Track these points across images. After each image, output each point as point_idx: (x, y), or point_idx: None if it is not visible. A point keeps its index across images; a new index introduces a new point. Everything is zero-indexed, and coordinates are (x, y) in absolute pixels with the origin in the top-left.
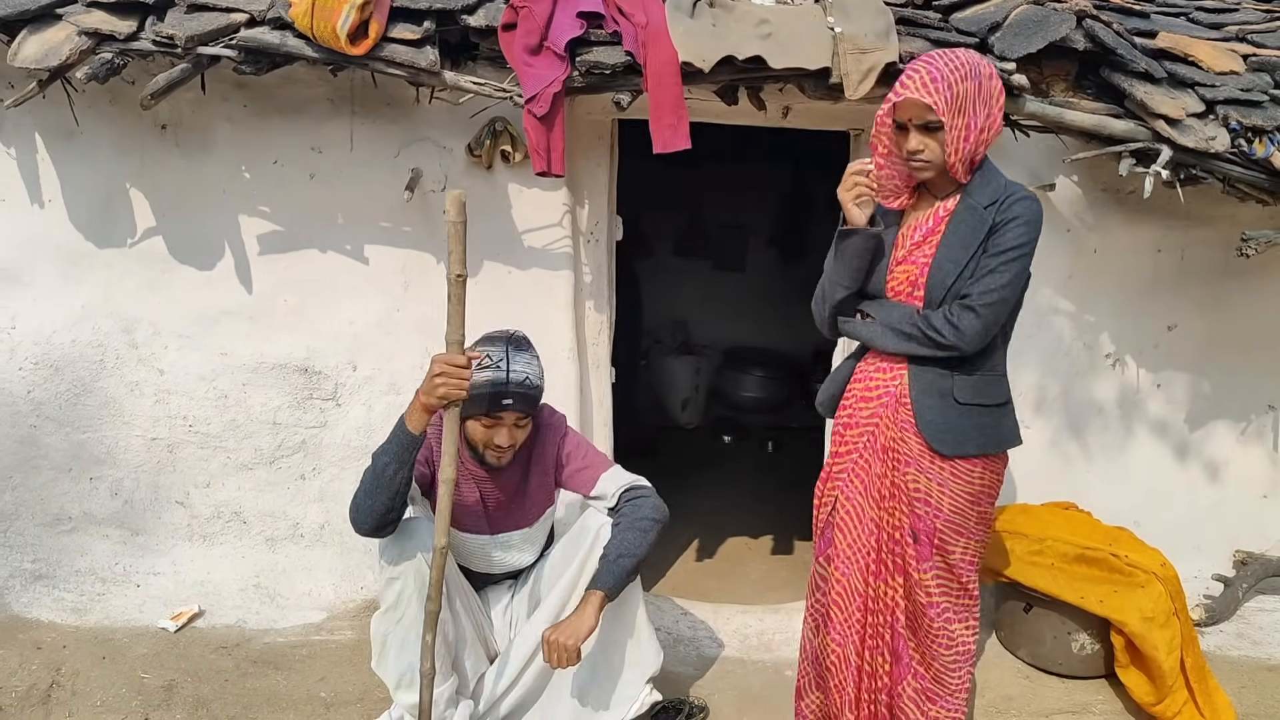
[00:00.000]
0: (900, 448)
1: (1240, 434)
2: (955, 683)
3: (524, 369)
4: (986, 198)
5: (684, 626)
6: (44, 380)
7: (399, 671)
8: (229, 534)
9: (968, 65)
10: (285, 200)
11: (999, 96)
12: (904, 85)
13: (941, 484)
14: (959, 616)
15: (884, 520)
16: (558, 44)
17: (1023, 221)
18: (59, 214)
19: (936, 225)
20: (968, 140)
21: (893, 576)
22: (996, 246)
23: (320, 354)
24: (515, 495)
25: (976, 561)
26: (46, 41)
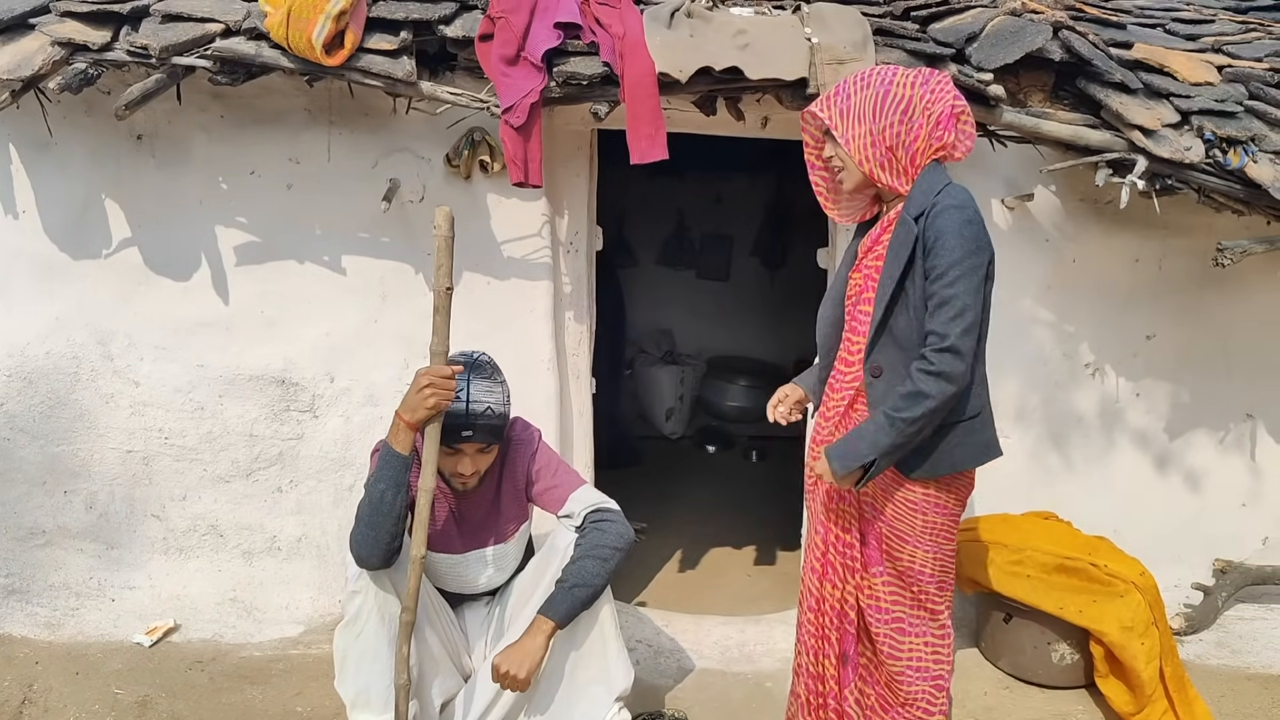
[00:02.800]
0: None
1: (1219, 443)
2: (907, 694)
3: (484, 397)
4: (915, 208)
5: (665, 638)
6: (17, 392)
7: (355, 690)
8: (205, 547)
9: (874, 77)
10: (262, 211)
11: (925, 107)
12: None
13: (885, 489)
14: (914, 630)
15: (832, 523)
16: (535, 55)
17: (950, 236)
18: (33, 225)
19: (881, 235)
20: (874, 146)
21: (840, 579)
22: (934, 270)
23: (298, 365)
24: (487, 513)
25: (938, 580)
26: (19, 51)
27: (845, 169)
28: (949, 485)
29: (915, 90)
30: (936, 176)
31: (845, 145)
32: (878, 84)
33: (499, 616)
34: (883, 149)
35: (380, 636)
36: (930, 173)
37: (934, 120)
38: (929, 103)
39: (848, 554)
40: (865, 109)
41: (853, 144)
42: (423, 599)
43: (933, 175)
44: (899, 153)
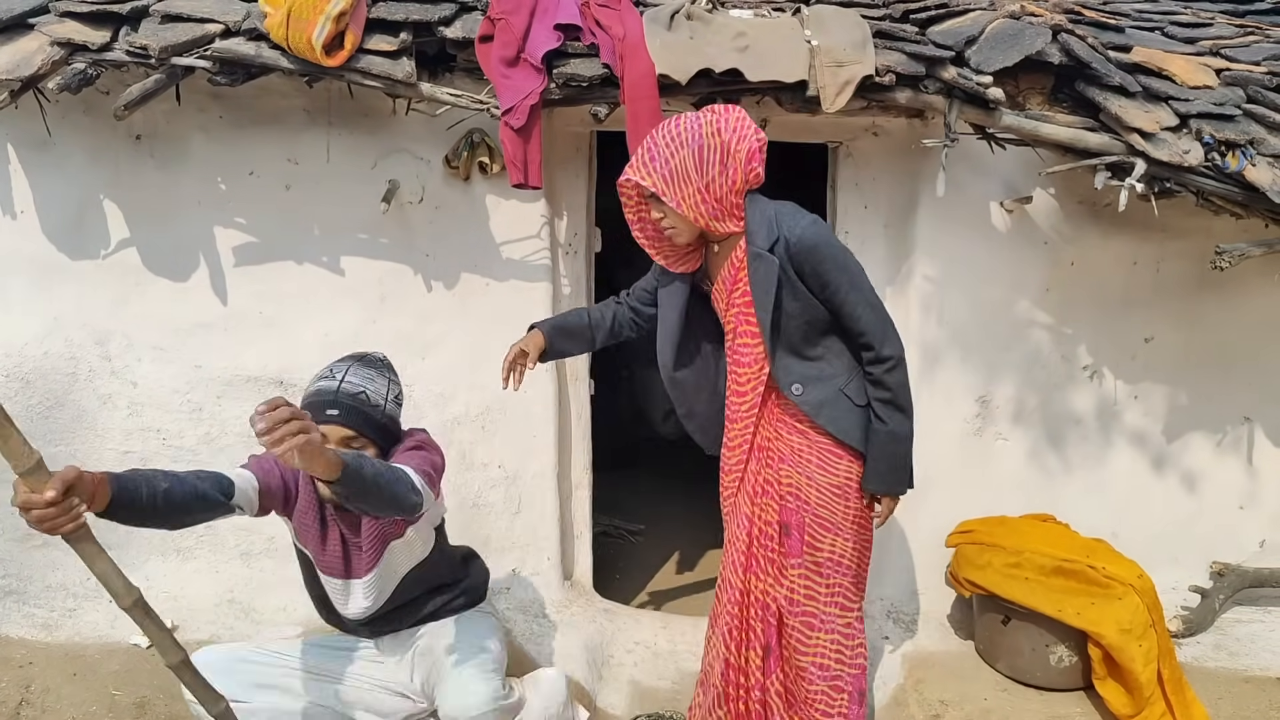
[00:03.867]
0: (774, 445)
1: (1217, 445)
2: (807, 692)
3: (361, 383)
4: (764, 239)
5: (663, 640)
6: (15, 393)
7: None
8: (203, 548)
9: (685, 134)
10: (261, 211)
11: (734, 150)
12: (629, 166)
13: (809, 477)
14: (823, 626)
15: (755, 515)
16: (535, 56)
17: (822, 250)
18: (31, 225)
19: (737, 275)
20: (704, 202)
21: (764, 572)
22: (824, 286)
23: (296, 366)
24: (365, 532)
25: (854, 574)
26: (18, 51)
27: (676, 228)
28: (861, 464)
29: (725, 136)
30: (762, 205)
31: (677, 207)
32: (690, 139)
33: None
34: (712, 201)
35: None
36: (755, 204)
37: (746, 158)
38: (738, 144)
39: (770, 546)
40: (688, 168)
41: (685, 204)
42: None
43: (758, 205)
44: (725, 199)
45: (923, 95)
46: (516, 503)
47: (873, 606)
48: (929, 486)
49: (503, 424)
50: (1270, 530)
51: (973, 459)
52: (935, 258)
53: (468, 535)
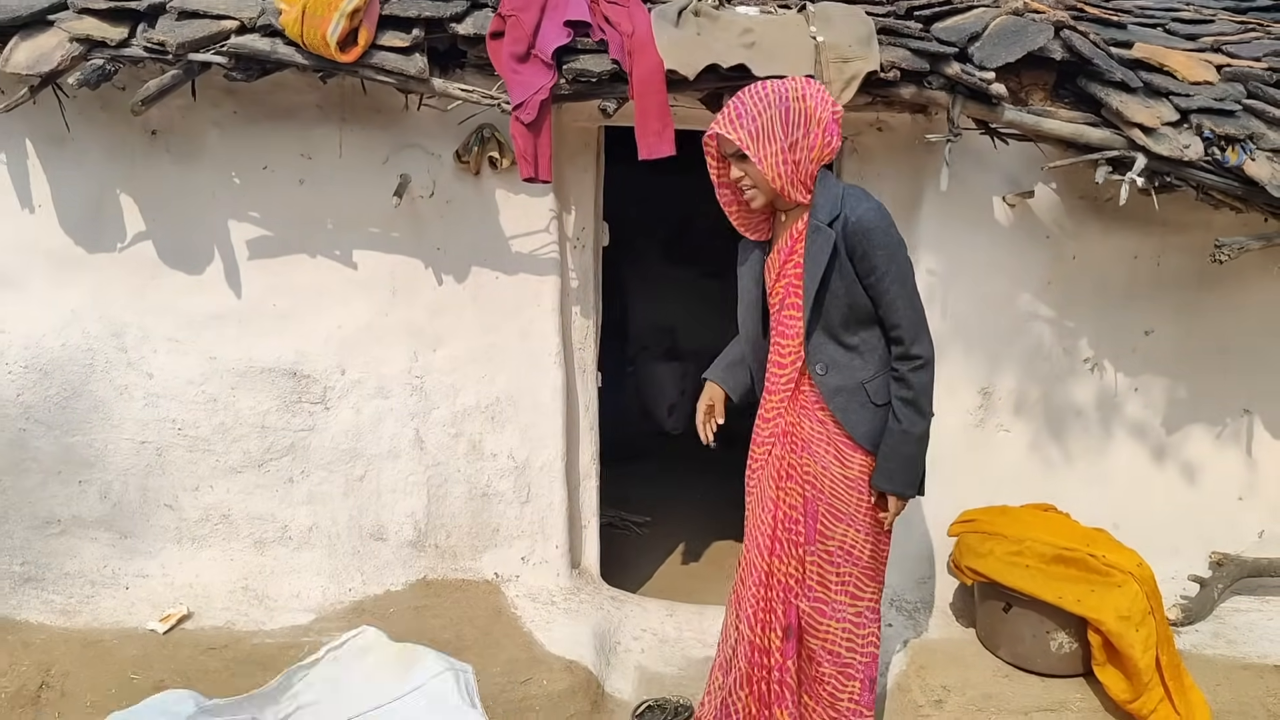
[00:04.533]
0: (798, 432)
1: (1216, 437)
2: (817, 672)
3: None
4: (826, 214)
5: (669, 628)
6: (33, 384)
7: None
8: (217, 536)
9: (772, 94)
10: (275, 206)
11: (818, 116)
12: (714, 121)
13: (825, 467)
14: (833, 614)
15: (780, 499)
16: (545, 52)
17: (877, 236)
18: (49, 219)
19: (794, 245)
20: (785, 164)
21: (788, 555)
22: (870, 271)
23: (309, 358)
24: None
25: (865, 565)
26: (38, 48)
27: (756, 188)
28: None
29: (809, 101)
30: (831, 182)
31: (759, 164)
32: (777, 101)
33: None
34: (792, 164)
35: None
36: (825, 180)
37: (824, 127)
38: (820, 110)
39: (794, 529)
40: (774, 127)
41: (766, 162)
42: None
43: (829, 182)
44: (804, 164)
45: (926, 91)
46: (525, 492)
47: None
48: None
49: (512, 415)
50: (1269, 521)
51: (975, 450)
52: (939, 251)
53: (478, 523)
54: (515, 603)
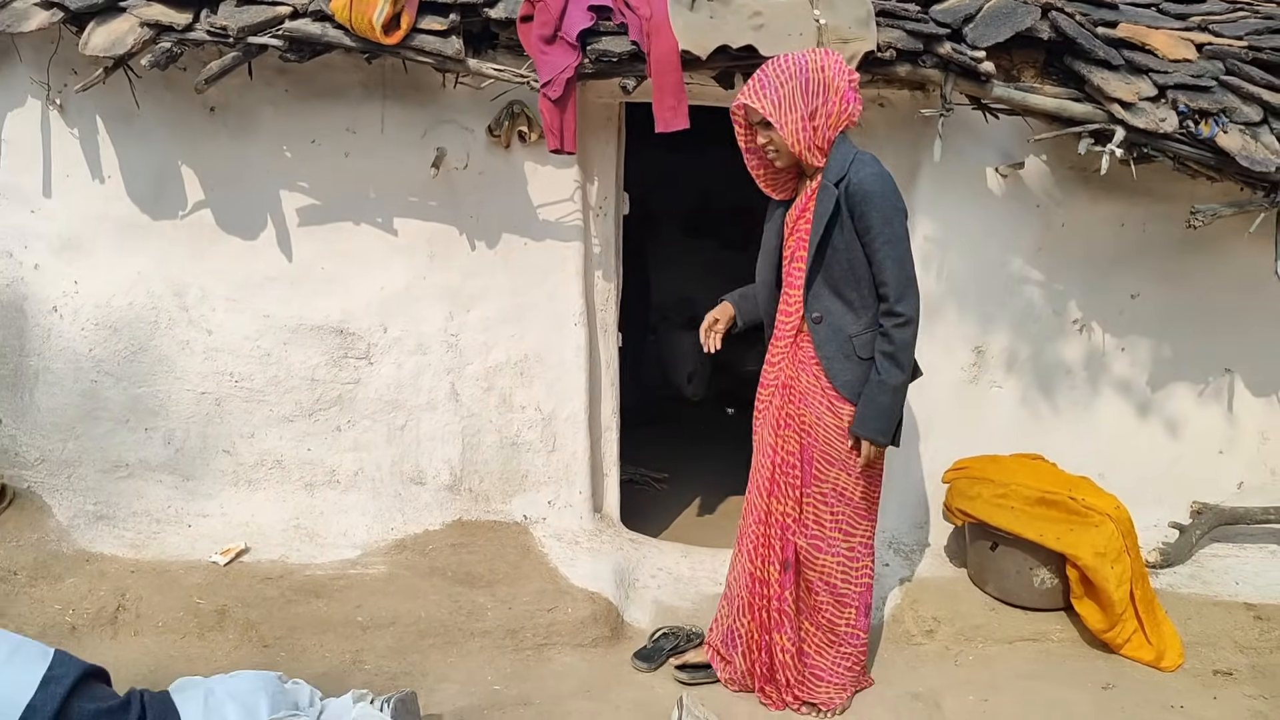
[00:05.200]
0: (795, 385)
1: (1199, 394)
2: (814, 601)
3: None
4: (835, 174)
5: (684, 567)
6: (104, 339)
7: None
8: (271, 480)
9: (793, 66)
10: (322, 177)
11: (835, 85)
12: (741, 92)
13: (818, 417)
14: (829, 549)
15: (779, 445)
16: (570, 34)
17: (871, 194)
18: (117, 189)
19: (807, 203)
20: (804, 130)
21: (785, 496)
22: (866, 230)
23: (354, 317)
24: None
25: (856, 506)
26: (112, 32)
27: (779, 152)
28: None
29: (827, 73)
30: (846, 147)
31: (781, 131)
32: (798, 72)
33: None
34: (811, 130)
35: None
36: (840, 144)
37: (841, 96)
38: (837, 80)
39: (791, 473)
40: (795, 98)
41: (787, 129)
42: None
43: (842, 147)
44: (822, 131)
45: (920, 69)
46: (552, 442)
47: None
48: (928, 430)
49: (540, 371)
50: (1248, 473)
51: (968, 404)
52: (935, 219)
53: (508, 470)
54: (542, 542)
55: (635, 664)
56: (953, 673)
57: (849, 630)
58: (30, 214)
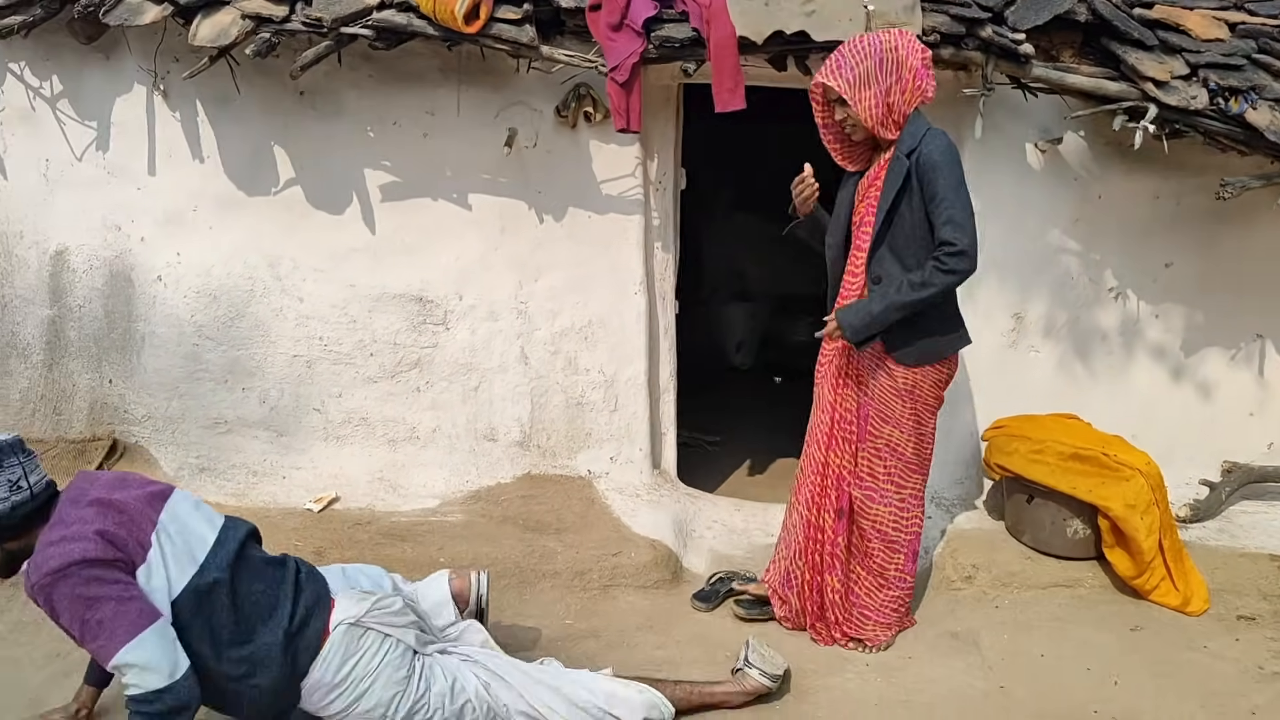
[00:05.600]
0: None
1: (1230, 359)
2: (866, 547)
3: None
4: (907, 147)
5: (737, 520)
6: (204, 306)
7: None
8: (357, 436)
9: (869, 46)
10: (402, 155)
11: (909, 64)
12: (820, 71)
13: (874, 376)
14: (881, 499)
15: (837, 402)
16: (636, 22)
17: (940, 161)
18: (216, 168)
19: (879, 173)
20: (879, 106)
21: (842, 450)
22: (933, 195)
23: (432, 285)
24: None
25: (908, 460)
26: (217, 24)
27: (855, 127)
28: (924, 371)
29: (900, 52)
30: (919, 123)
31: (856, 108)
32: (872, 53)
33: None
34: (885, 106)
35: None
36: (914, 120)
37: (914, 73)
38: (910, 59)
39: (848, 429)
40: (870, 76)
41: (862, 105)
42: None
43: (916, 122)
44: (897, 107)
45: (963, 52)
46: (614, 402)
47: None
48: (969, 391)
49: (603, 335)
50: (1277, 434)
51: (1008, 368)
52: (977, 192)
53: (574, 428)
54: (605, 495)
55: (694, 604)
56: (990, 615)
57: (897, 574)
58: (136, 191)
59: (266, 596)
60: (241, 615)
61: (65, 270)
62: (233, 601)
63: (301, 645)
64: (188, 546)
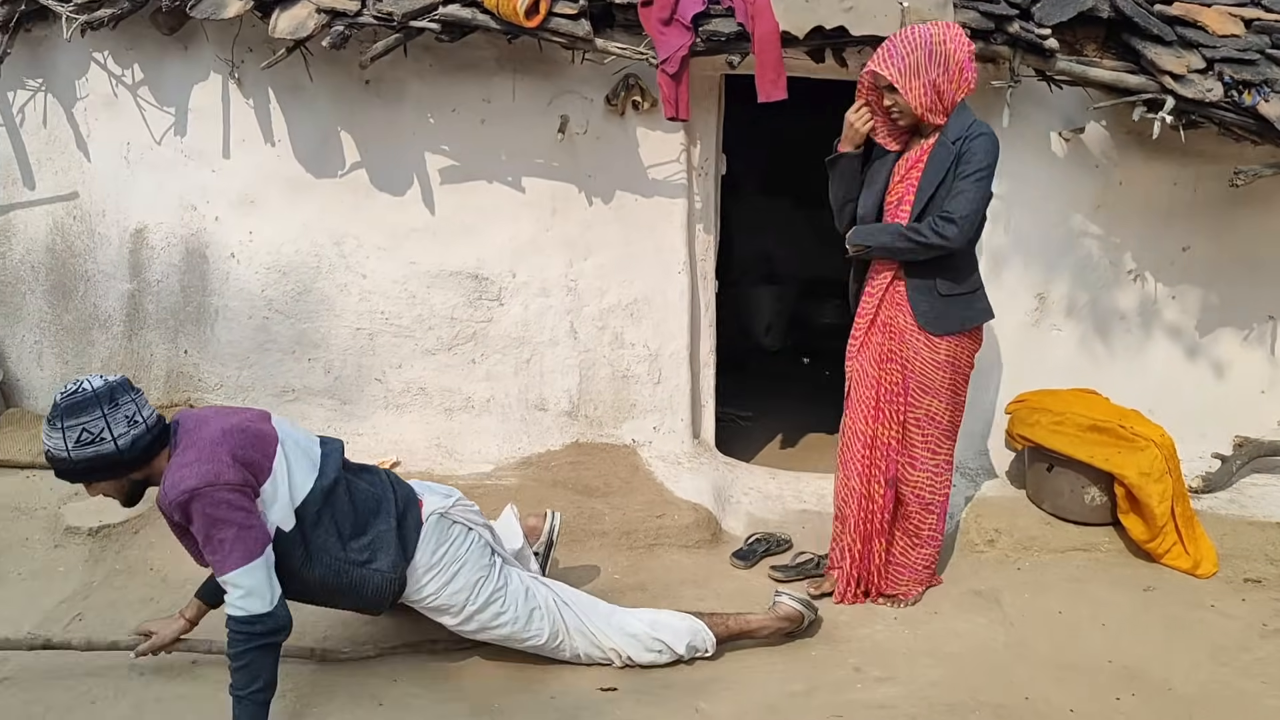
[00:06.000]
0: (894, 324)
1: (1244, 339)
2: (905, 510)
3: (53, 444)
4: (954, 134)
5: (772, 487)
6: (274, 282)
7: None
8: (416, 405)
9: (919, 38)
10: (461, 140)
11: (955, 57)
12: (871, 60)
13: (916, 352)
14: (921, 466)
15: (882, 378)
16: (685, 17)
17: (981, 151)
18: (286, 151)
19: (921, 158)
20: (927, 94)
21: (890, 422)
22: (964, 172)
23: (487, 263)
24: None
25: (944, 428)
26: (294, 18)
27: (902, 113)
28: (963, 342)
29: (948, 45)
30: (966, 114)
31: (906, 95)
32: (922, 44)
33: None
34: (934, 94)
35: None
36: (961, 110)
37: (960, 66)
38: (957, 51)
39: (896, 402)
40: (920, 66)
41: (912, 94)
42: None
43: (963, 113)
44: (943, 96)
45: (992, 46)
46: (657, 375)
47: None
48: (994, 367)
49: (648, 312)
50: None
51: (1031, 345)
52: (1003, 178)
53: (619, 399)
54: (649, 462)
55: (733, 562)
56: (1011, 575)
57: (931, 534)
58: (211, 173)
59: (373, 492)
60: (358, 510)
61: (144, 247)
62: (350, 498)
63: (407, 532)
64: (304, 454)
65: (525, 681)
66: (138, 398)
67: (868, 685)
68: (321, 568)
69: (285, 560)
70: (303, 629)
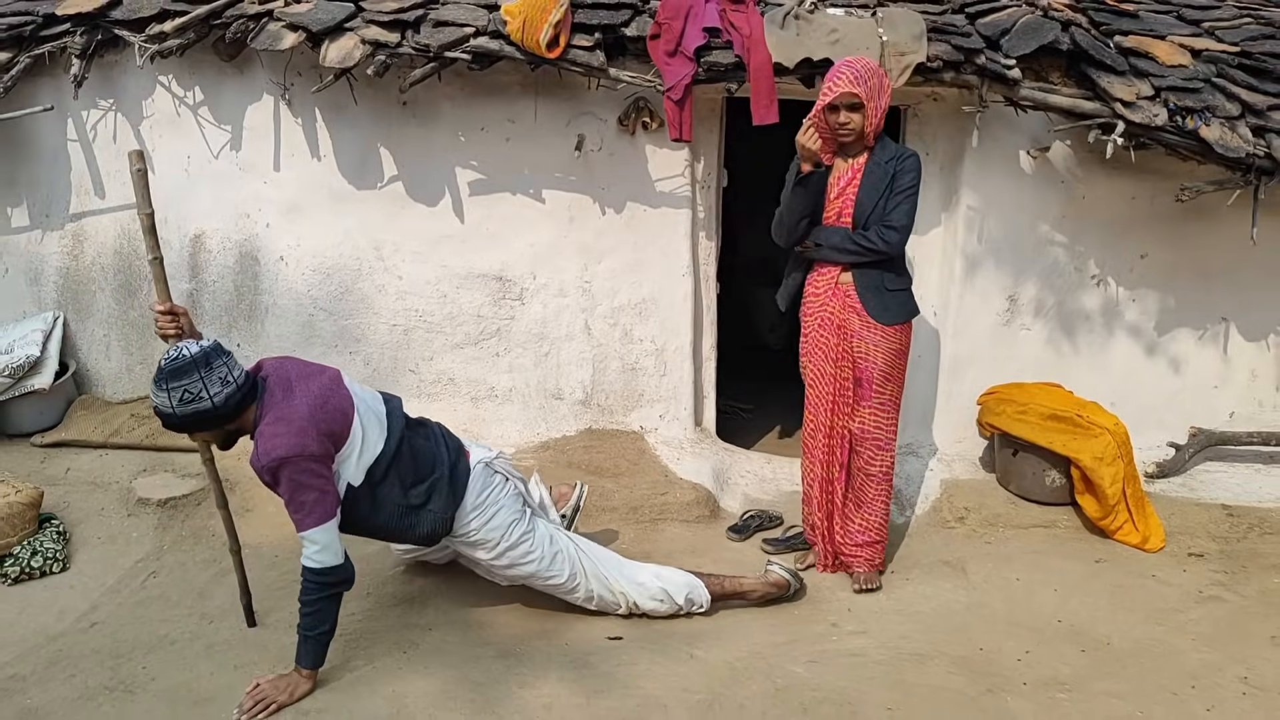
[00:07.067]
0: (847, 325)
1: (1198, 338)
2: (874, 491)
3: (160, 402)
4: (886, 156)
5: (767, 471)
6: (319, 282)
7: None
8: (445, 394)
9: (870, 67)
10: (488, 157)
11: (888, 88)
12: (838, 82)
13: (875, 345)
14: (885, 446)
15: (837, 375)
16: (688, 50)
17: (913, 170)
18: (330, 165)
19: (855, 175)
20: (876, 115)
21: (843, 413)
22: (899, 188)
23: (510, 267)
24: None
25: (895, 405)
26: (341, 48)
27: (853, 131)
28: (908, 329)
29: (883, 76)
30: (887, 139)
31: (874, 115)
32: (874, 72)
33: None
34: (879, 116)
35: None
36: (883, 137)
37: (888, 92)
38: (886, 83)
39: (846, 396)
40: (875, 90)
41: (872, 114)
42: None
43: (886, 139)
44: (880, 117)
45: (962, 75)
46: (663, 368)
47: (922, 449)
48: (967, 362)
49: (654, 311)
50: (1238, 405)
51: (1002, 343)
52: (977, 192)
53: (628, 390)
54: (655, 447)
55: (729, 535)
56: (977, 548)
57: (881, 504)
58: (263, 184)
59: (429, 446)
60: (418, 462)
61: (202, 251)
62: (411, 452)
63: (458, 479)
64: (375, 416)
65: (542, 632)
66: (229, 360)
67: (843, 637)
68: (384, 514)
69: (353, 508)
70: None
